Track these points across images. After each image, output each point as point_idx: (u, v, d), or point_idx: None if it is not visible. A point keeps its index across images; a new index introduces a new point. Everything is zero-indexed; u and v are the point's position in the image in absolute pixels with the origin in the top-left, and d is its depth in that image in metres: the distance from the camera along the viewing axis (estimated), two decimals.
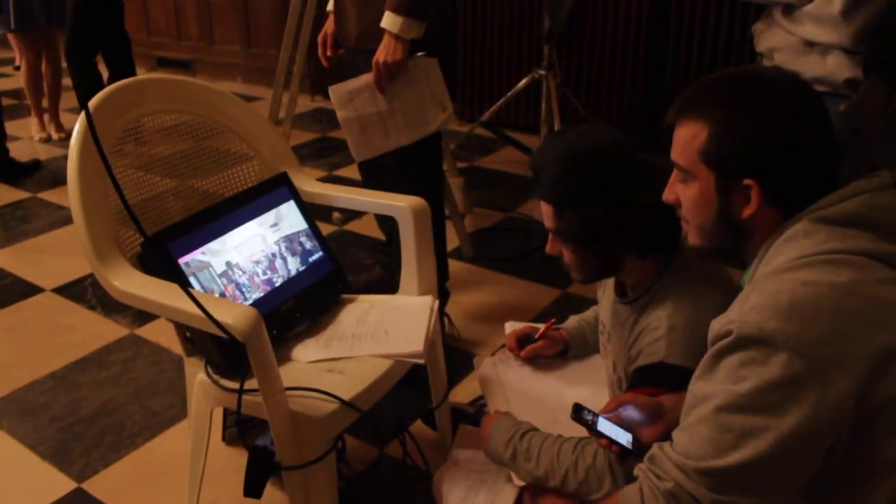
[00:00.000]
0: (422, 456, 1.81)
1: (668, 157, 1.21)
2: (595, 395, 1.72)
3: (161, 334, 2.52)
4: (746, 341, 0.99)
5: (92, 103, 1.56)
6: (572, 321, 1.89)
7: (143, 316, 2.59)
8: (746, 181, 1.09)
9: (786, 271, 1.04)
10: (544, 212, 1.49)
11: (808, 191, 1.08)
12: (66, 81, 4.48)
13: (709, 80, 1.19)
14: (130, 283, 1.47)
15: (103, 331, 2.57)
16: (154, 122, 1.71)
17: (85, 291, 2.81)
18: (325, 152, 4.38)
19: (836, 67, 1.77)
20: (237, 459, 1.93)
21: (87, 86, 4.09)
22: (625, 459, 1.29)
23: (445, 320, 2.40)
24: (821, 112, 1.10)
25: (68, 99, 4.88)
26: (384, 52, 2.01)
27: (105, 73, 4.35)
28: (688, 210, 1.19)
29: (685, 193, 1.18)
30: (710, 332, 1.07)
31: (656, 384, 1.38)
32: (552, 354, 1.85)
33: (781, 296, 0.99)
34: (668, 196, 1.23)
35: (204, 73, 5.99)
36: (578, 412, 1.33)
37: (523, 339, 1.83)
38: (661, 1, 3.83)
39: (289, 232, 1.76)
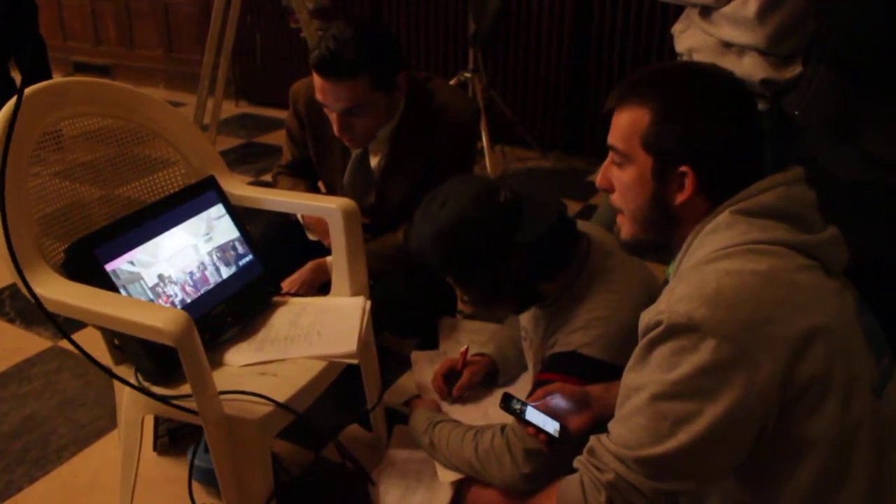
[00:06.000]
0: (355, 459, 1.81)
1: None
2: None
3: (86, 345, 2.43)
4: (676, 330, 1.03)
5: (7, 107, 1.51)
6: (489, 346, 1.89)
7: (66, 327, 2.50)
8: (683, 168, 1.13)
9: (710, 262, 1.08)
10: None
11: (735, 180, 1.13)
12: None
13: (651, 70, 1.22)
14: (55, 290, 1.43)
15: (24, 344, 2.48)
16: (75, 127, 1.66)
17: (3, 304, 2.71)
18: (251, 158, 4.32)
19: (752, 68, 1.83)
20: (169, 469, 1.89)
21: None
22: (552, 447, 1.32)
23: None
24: (752, 107, 1.16)
25: None
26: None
27: (18, 79, 4.21)
28: (622, 194, 1.21)
29: (620, 178, 1.20)
30: (640, 324, 1.11)
31: (567, 372, 1.42)
32: (482, 378, 1.85)
33: (707, 285, 1.03)
34: (601, 182, 1.25)
35: (124, 79, 5.84)
36: (507, 401, 1.36)
37: (448, 376, 1.84)
38: (584, 4, 3.92)
39: (221, 241, 1.73)
